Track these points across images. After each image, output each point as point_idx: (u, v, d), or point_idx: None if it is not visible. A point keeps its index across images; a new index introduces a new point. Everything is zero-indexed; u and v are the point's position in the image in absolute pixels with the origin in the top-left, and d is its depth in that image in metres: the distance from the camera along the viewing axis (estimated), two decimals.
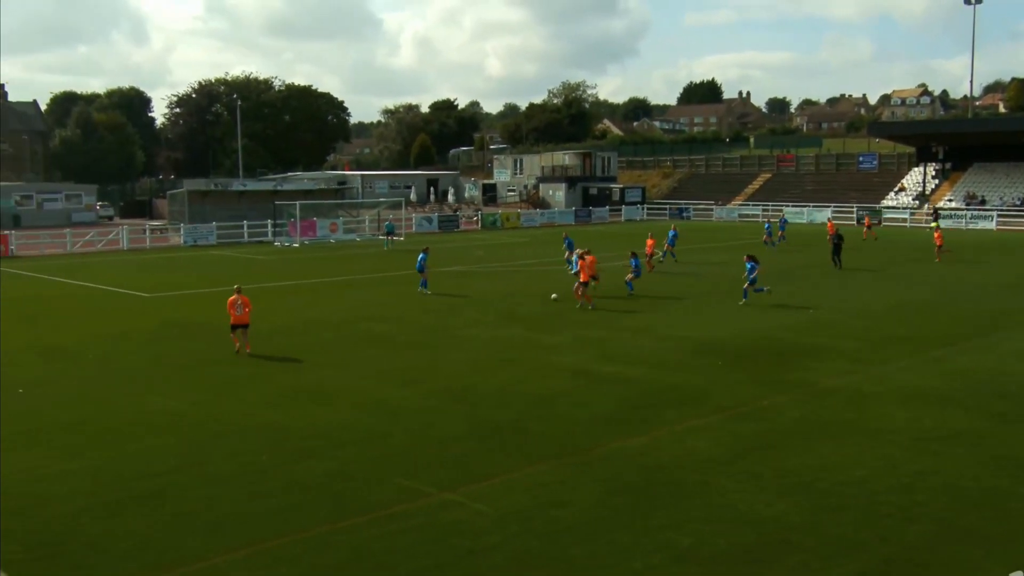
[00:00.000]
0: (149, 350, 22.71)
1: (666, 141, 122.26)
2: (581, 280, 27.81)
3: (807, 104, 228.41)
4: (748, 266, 29.13)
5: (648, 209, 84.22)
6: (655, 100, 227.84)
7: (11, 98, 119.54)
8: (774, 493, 12.29)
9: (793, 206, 77.06)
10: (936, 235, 43.64)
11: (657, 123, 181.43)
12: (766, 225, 52.60)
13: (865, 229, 55.30)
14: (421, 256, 32.39)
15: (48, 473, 13.31)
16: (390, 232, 55.41)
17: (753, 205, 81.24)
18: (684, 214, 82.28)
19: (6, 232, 56.59)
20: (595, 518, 11.50)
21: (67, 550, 10.69)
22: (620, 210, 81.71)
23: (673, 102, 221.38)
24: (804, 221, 71.84)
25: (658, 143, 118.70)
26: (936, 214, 68.47)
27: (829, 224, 51.97)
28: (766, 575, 9.98)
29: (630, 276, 31.04)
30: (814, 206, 76.02)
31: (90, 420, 16.12)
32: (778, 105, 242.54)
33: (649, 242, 38.65)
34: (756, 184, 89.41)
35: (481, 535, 11.00)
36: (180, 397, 17.70)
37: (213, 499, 12.23)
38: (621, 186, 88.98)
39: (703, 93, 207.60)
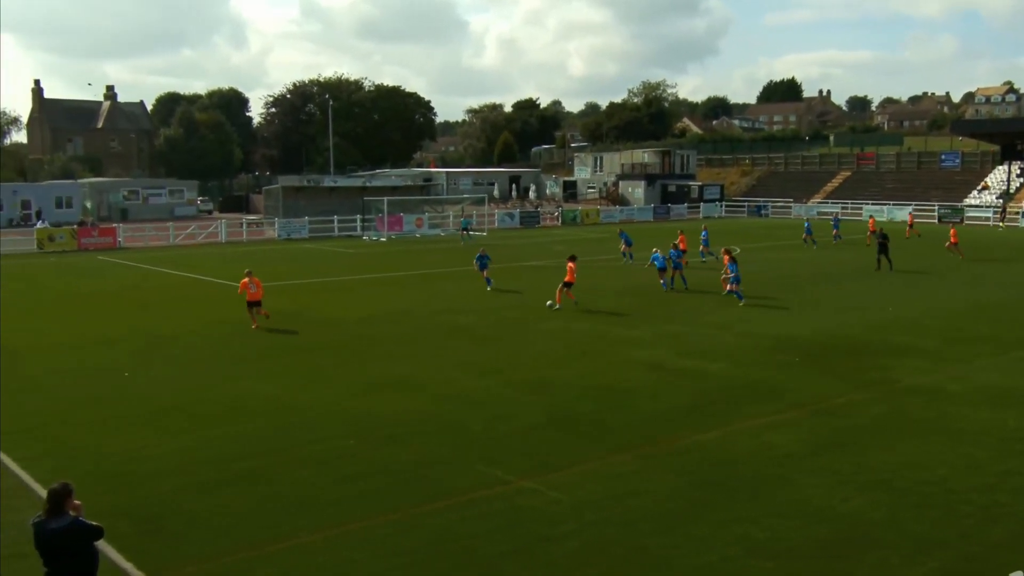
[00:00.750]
0: (244, 338, 23.23)
1: (745, 139, 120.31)
2: (565, 280, 26.67)
3: (888, 102, 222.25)
4: (730, 267, 28.51)
5: (726, 206, 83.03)
6: (734, 99, 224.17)
7: (120, 99, 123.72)
8: (852, 489, 11.99)
9: (873, 204, 75.10)
10: (951, 232, 42.77)
11: (736, 121, 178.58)
12: (806, 224, 50.77)
13: (908, 228, 53.44)
14: (479, 256, 32.51)
15: (152, 452, 13.74)
16: (466, 227, 55.85)
17: (832, 203, 79.36)
18: (762, 211, 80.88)
19: (115, 225, 58.57)
20: (671, 509, 11.39)
21: (169, 525, 11.02)
22: (698, 207, 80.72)
23: (753, 100, 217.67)
24: (885, 219, 69.90)
25: (737, 141, 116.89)
26: (1003, 213, 66.02)
27: (871, 221, 49.81)
28: (844, 570, 9.75)
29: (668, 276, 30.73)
30: (895, 204, 73.97)
31: (189, 403, 16.58)
32: (859, 103, 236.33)
33: (681, 237, 37.91)
34: (835, 182, 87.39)
35: (557, 523, 10.99)
36: (273, 383, 18.07)
37: (303, 481, 12.46)
38: (700, 183, 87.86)
39: (783, 91, 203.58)
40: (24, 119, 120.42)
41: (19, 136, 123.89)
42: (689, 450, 13.72)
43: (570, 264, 27.06)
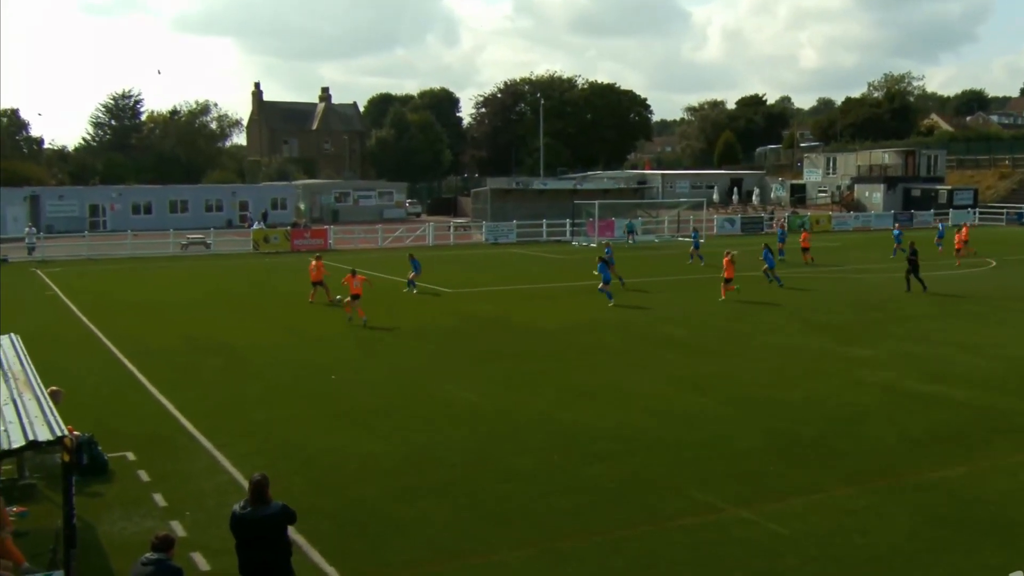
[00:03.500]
0: (450, 342, 24.05)
1: (1005, 137, 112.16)
2: (352, 293, 26.23)
3: None
4: (600, 266, 30.39)
5: (980, 213, 77.81)
6: (993, 91, 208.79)
7: (334, 100, 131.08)
8: None
9: None
10: (964, 231, 42.19)
11: (995, 117, 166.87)
12: (895, 232, 47.00)
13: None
14: (413, 261, 33.77)
15: (356, 454, 14.48)
16: (632, 231, 55.51)
17: None
18: None
19: (326, 226, 62.11)
20: (906, 551, 10.82)
21: (370, 530, 11.57)
22: (947, 214, 76.00)
23: (1015, 93, 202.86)
24: None
25: (995, 140, 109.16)
26: None
27: (964, 230, 44.69)
28: None
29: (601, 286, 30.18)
30: None
31: (395, 407, 17.33)
32: None
33: (804, 235, 43.17)
34: None
35: (776, 556, 10.68)
36: (477, 390, 18.59)
37: (505, 494, 12.75)
38: (949, 187, 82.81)
39: None
40: (244, 121, 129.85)
41: (239, 138, 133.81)
42: (929, 486, 12.98)
43: (352, 278, 26.53)
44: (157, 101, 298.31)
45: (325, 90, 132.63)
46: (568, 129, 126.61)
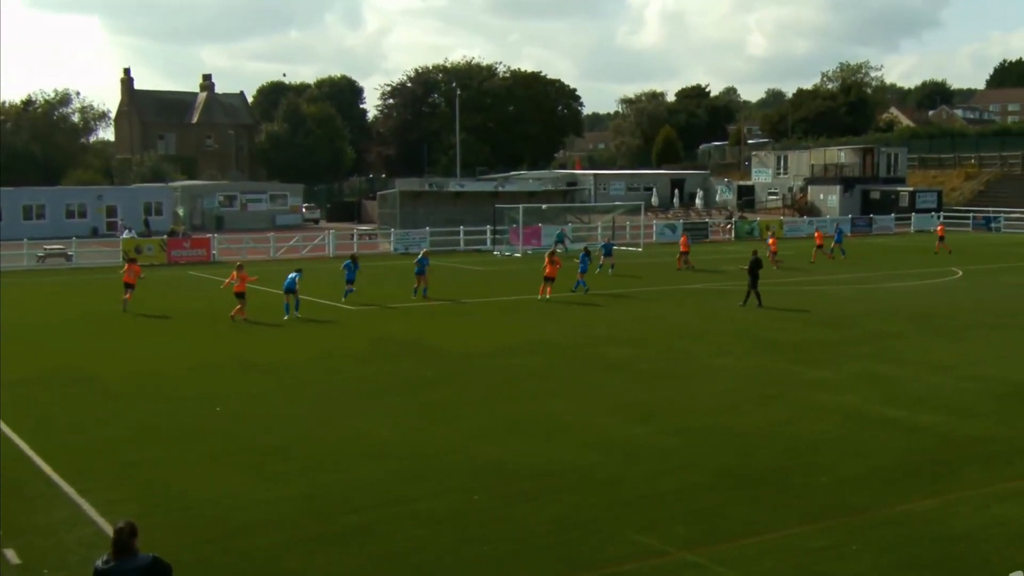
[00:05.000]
0: (356, 369, 23.86)
1: (971, 134, 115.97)
2: (125, 282, 32.95)
3: None
4: (346, 264, 35.21)
5: (945, 217, 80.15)
6: (958, 83, 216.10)
7: (218, 90, 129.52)
8: None
9: None
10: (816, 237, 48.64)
11: (959, 111, 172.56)
12: (837, 230, 51.99)
13: (938, 242, 54.43)
14: (293, 276, 32.32)
15: (247, 501, 14.23)
16: (560, 240, 56.32)
17: None
18: (992, 224, 77.75)
19: (209, 235, 61.21)
20: None
21: None
22: (909, 219, 78.26)
23: (981, 85, 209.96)
24: None
25: (960, 136, 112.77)
26: None
27: (817, 235, 49.59)
28: None
29: None
30: None
31: (292, 445, 17.10)
32: None
33: (683, 239, 48.07)
34: None
35: None
36: (389, 424, 18.48)
37: (422, 541, 12.67)
38: (911, 189, 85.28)
39: (1021, 73, 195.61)
40: (112, 113, 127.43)
41: (106, 133, 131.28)
42: (896, 522, 13.28)
43: (129, 267, 33.56)
44: (8, 90, 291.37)
45: (207, 77, 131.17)
46: (488, 123, 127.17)
